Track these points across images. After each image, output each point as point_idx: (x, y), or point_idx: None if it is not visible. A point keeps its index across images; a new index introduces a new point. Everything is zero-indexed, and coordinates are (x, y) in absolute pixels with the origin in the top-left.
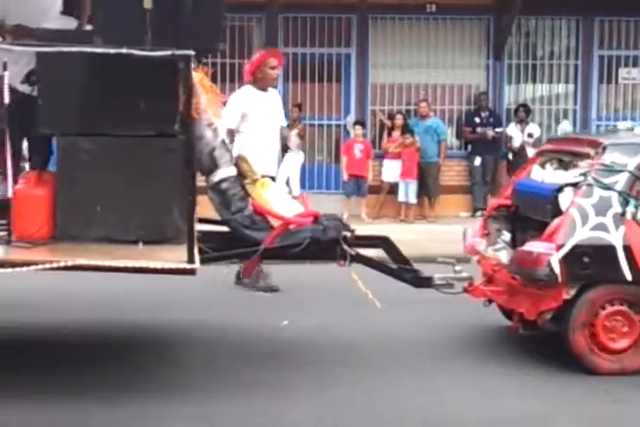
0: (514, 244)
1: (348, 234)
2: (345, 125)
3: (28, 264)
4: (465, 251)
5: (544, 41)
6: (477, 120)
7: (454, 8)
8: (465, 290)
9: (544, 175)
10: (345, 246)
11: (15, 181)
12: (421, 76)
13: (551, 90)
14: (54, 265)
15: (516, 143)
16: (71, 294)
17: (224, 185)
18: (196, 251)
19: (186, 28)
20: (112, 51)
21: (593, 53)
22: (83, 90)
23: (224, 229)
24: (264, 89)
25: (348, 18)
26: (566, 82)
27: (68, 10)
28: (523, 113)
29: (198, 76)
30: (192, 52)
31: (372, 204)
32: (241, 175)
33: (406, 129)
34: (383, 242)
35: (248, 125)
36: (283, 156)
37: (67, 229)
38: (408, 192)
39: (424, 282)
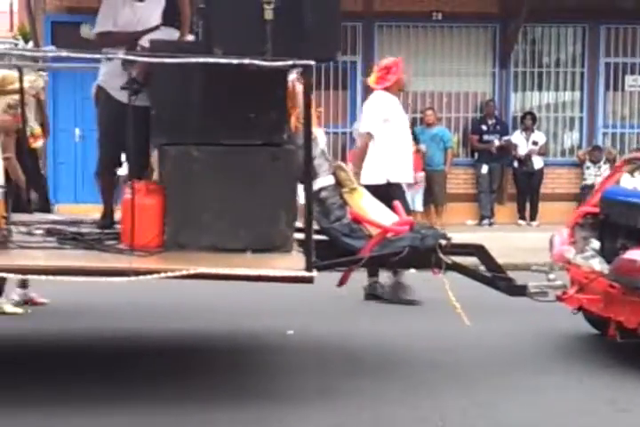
0: (603, 252)
1: (445, 242)
2: (351, 133)
3: (150, 273)
4: (553, 259)
5: (550, 48)
6: (484, 128)
7: (460, 16)
8: (558, 298)
9: (635, 183)
10: (441, 254)
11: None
12: (427, 84)
13: (557, 97)
14: (177, 273)
15: (522, 151)
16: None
17: (323, 194)
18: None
19: (306, 37)
20: (235, 61)
21: (599, 61)
22: (194, 100)
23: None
24: (396, 94)
25: (353, 26)
26: (572, 89)
27: (167, 21)
28: (529, 121)
29: (299, 87)
30: (313, 62)
31: None
32: (339, 184)
33: (412, 137)
34: (477, 250)
35: (388, 131)
36: None
37: (176, 238)
38: (414, 200)
39: (519, 290)
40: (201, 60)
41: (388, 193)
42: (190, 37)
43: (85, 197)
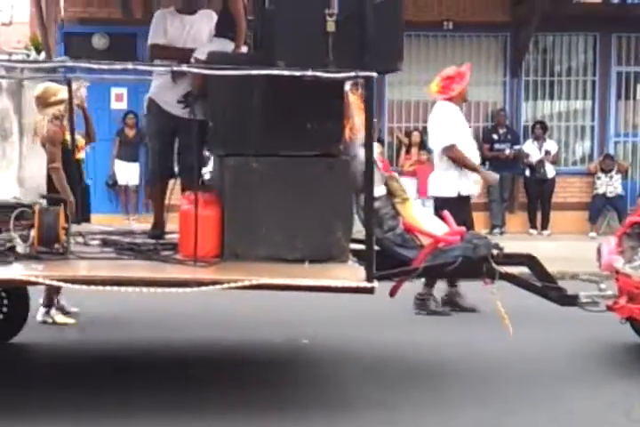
0: None
1: (496, 252)
2: None
3: (214, 283)
4: (601, 268)
5: (561, 57)
6: (495, 137)
7: (471, 25)
8: (609, 308)
9: None
10: (493, 264)
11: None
12: None
13: (569, 106)
14: (239, 284)
15: (534, 160)
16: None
17: (376, 204)
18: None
19: (368, 49)
20: (298, 73)
21: (611, 70)
22: (252, 111)
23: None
24: (459, 104)
25: None
26: (584, 98)
27: (221, 32)
28: (540, 130)
29: (352, 97)
30: (375, 74)
31: None
32: (391, 194)
33: (423, 146)
34: (528, 260)
35: (460, 141)
36: None
37: (234, 249)
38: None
39: (570, 300)
40: (264, 72)
41: (457, 206)
42: (244, 49)
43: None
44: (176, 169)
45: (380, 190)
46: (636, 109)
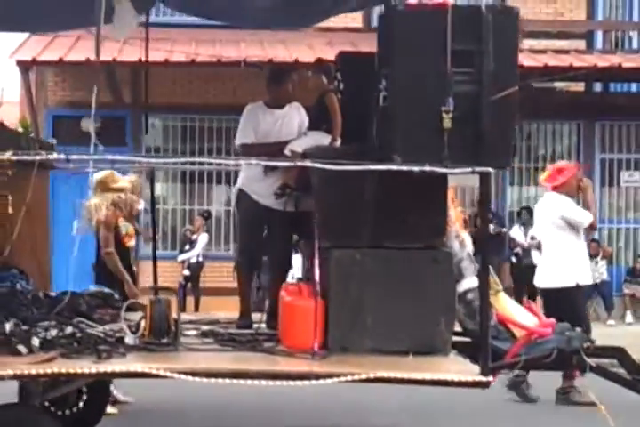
0: None
1: (588, 344)
2: None
3: (330, 376)
4: None
5: (545, 144)
6: None
7: None
8: None
9: None
10: (585, 357)
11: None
12: None
13: None
14: (356, 377)
15: (522, 245)
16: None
17: (470, 296)
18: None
19: (482, 145)
20: (416, 168)
21: (594, 156)
22: (357, 204)
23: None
24: (568, 195)
25: None
26: None
27: (315, 125)
28: (527, 215)
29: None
30: (492, 170)
31: None
32: None
33: None
34: (618, 353)
35: (573, 232)
36: None
37: (339, 341)
38: None
39: None
40: (385, 167)
41: (573, 296)
42: (338, 142)
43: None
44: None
45: (472, 282)
46: (620, 195)
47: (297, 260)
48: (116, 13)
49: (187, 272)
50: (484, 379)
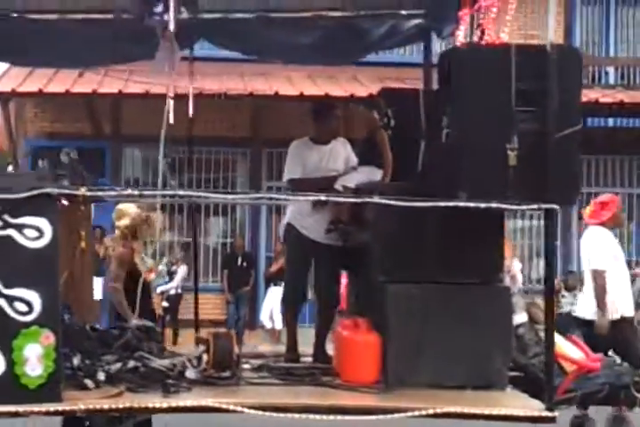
0: None
1: (637, 379)
2: None
3: (398, 411)
4: None
5: None
6: None
7: None
8: None
9: None
10: (634, 392)
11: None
12: None
13: (531, 224)
14: (423, 412)
15: None
16: None
17: (520, 330)
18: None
19: (549, 181)
20: (482, 205)
21: None
22: (415, 240)
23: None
24: (612, 229)
25: None
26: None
27: (365, 161)
28: None
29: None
30: (557, 206)
31: None
32: (532, 321)
33: None
34: None
35: (618, 267)
36: (266, 288)
37: (397, 375)
38: None
39: None
40: (451, 204)
41: (620, 328)
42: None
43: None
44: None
45: (523, 317)
46: None
47: None
48: (160, 48)
49: (165, 304)
50: (550, 414)
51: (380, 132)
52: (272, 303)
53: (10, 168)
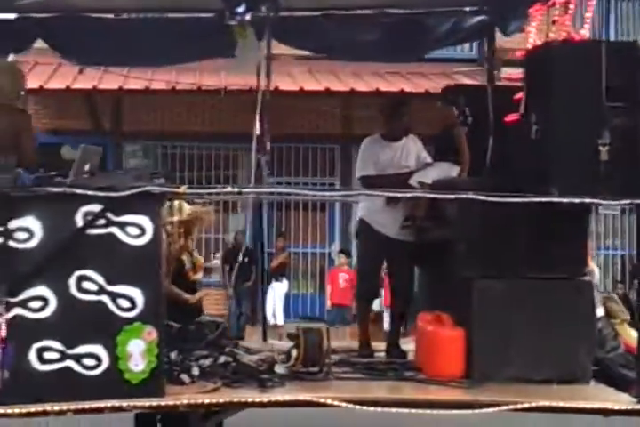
0: None
1: None
2: (330, 254)
3: (493, 405)
4: None
5: None
6: None
7: None
8: None
9: None
10: None
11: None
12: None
13: None
14: (519, 406)
15: None
16: None
17: (598, 325)
18: None
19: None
20: (576, 200)
21: None
22: (501, 235)
23: None
24: None
25: (331, 148)
26: None
27: (441, 157)
28: None
29: None
30: None
31: (357, 333)
32: (609, 315)
33: None
34: None
35: None
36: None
37: (483, 369)
38: None
39: None
40: (545, 199)
41: None
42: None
43: None
44: None
45: (599, 312)
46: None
47: None
48: (240, 47)
49: None
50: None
51: (457, 129)
52: (274, 299)
53: None
